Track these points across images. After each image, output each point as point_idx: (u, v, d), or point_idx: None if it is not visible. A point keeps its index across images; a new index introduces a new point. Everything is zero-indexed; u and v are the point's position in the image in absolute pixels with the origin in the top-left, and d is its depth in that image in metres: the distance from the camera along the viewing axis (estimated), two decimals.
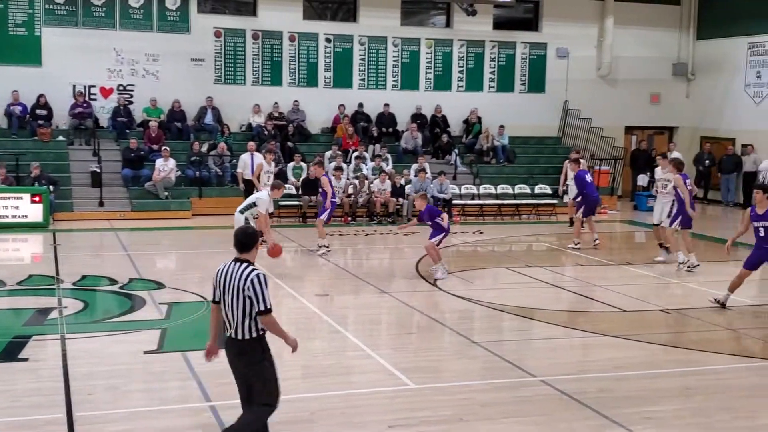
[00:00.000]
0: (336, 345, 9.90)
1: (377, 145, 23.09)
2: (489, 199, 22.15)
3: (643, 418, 7.45)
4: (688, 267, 14.49)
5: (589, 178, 17.53)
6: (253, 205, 13.53)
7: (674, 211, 14.77)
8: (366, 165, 21.87)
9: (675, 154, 24.67)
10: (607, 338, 10.29)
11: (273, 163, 18.38)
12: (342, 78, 24.39)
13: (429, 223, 13.74)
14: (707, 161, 25.43)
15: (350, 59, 24.43)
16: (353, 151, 22.33)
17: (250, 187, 19.39)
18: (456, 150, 23.71)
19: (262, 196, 13.68)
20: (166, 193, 20.35)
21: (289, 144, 22.58)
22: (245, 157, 19.51)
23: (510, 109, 25.33)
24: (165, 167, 20.38)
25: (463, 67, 25.41)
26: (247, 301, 5.97)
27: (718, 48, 26.02)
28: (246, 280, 5.97)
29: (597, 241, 16.96)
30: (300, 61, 24.07)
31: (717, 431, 7.25)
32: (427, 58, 25.11)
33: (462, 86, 25.46)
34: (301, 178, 20.81)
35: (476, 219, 21.28)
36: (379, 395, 8.03)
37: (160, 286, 12.63)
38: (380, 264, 15.93)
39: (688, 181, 14.88)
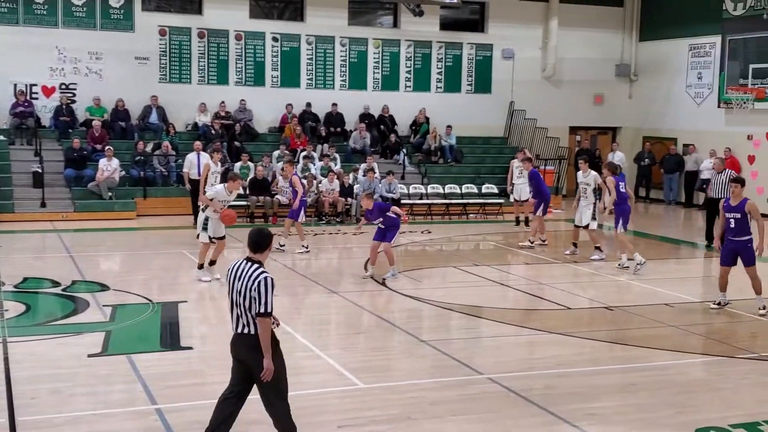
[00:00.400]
0: (284, 346, 9.78)
1: (325, 145, 23.05)
2: (437, 199, 22.28)
3: (587, 414, 7.58)
4: (627, 265, 14.74)
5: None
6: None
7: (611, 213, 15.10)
8: (314, 165, 21.83)
9: (618, 155, 25.27)
10: (552, 336, 10.43)
11: (220, 163, 18.18)
12: (289, 77, 24.30)
13: (380, 220, 13.45)
14: (646, 160, 25.91)
15: (297, 58, 24.35)
16: (301, 151, 22.26)
17: (196, 187, 19.14)
18: (404, 150, 23.79)
19: (218, 188, 13.31)
20: (110, 194, 20.06)
21: (236, 143, 22.42)
22: (191, 157, 19.29)
23: (457, 109, 25.53)
24: (108, 167, 20.08)
25: (410, 67, 25.51)
26: (254, 300, 6.18)
27: (660, 49, 26.53)
28: (254, 281, 6.17)
29: (545, 241, 17.17)
30: (247, 60, 23.91)
31: (660, 427, 7.39)
32: (374, 58, 25.15)
33: (410, 86, 25.56)
34: (249, 178, 20.67)
35: (424, 218, 21.38)
36: (328, 395, 8.03)
37: (104, 288, 12.45)
38: (329, 264, 15.91)
39: (621, 184, 15.19)
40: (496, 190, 22.99)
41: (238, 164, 21.29)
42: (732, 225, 11.43)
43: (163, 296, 12.15)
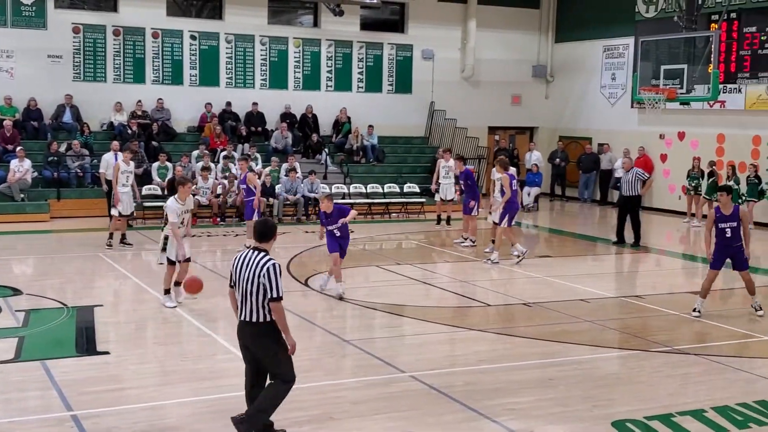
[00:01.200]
0: (205, 348, 9.74)
1: (246, 145, 22.84)
2: (359, 198, 22.30)
3: (507, 409, 7.70)
4: (518, 256, 15.15)
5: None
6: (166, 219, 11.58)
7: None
8: (235, 165, 21.59)
9: (535, 154, 25.76)
10: (473, 332, 10.57)
11: (132, 163, 17.43)
12: (208, 76, 24.00)
13: (336, 226, 12.23)
14: (558, 159, 26.46)
15: (217, 57, 24.06)
16: (221, 151, 22.00)
17: (112, 188, 18.78)
18: (326, 149, 23.76)
19: (169, 204, 11.40)
20: (22, 195, 19.50)
21: (154, 143, 22.03)
22: (108, 157, 18.85)
23: (378, 108, 25.63)
24: (20, 168, 19.51)
25: (331, 66, 25.49)
26: (262, 287, 6.42)
27: (576, 51, 27.13)
28: (262, 267, 6.43)
29: (474, 242, 17.24)
30: (164, 58, 23.52)
31: (577, 420, 7.56)
32: (295, 58, 25.04)
33: (331, 86, 25.54)
34: (167, 179, 20.34)
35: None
36: None
37: (16, 292, 12.09)
38: None
39: (514, 181, 15.57)
40: (417, 190, 23.15)
41: (155, 164, 20.95)
42: (728, 234, 11.30)
43: (78, 300, 11.85)
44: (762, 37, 21.13)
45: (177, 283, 11.61)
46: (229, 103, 23.68)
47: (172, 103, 23.32)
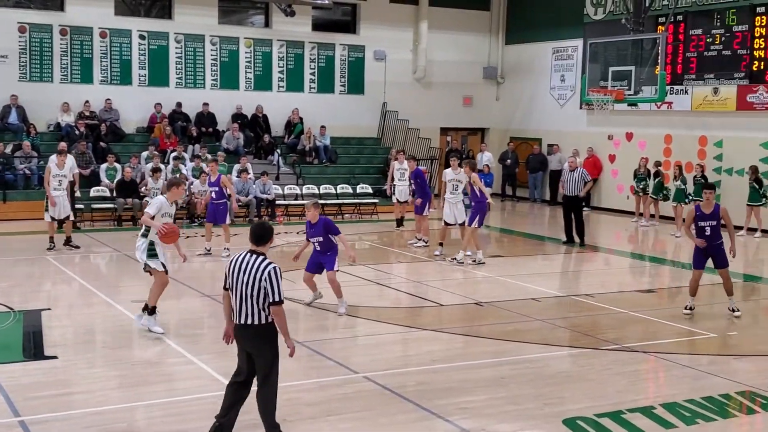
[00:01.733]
0: (156, 352, 9.63)
1: (197, 145, 22.63)
2: (312, 199, 22.19)
3: (459, 408, 7.74)
4: (475, 261, 15.22)
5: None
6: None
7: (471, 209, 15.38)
8: (185, 166, 21.38)
9: (486, 155, 25.95)
10: (426, 332, 10.62)
11: (68, 166, 16.31)
12: (158, 76, 23.73)
13: (318, 239, 11.43)
14: (509, 160, 26.69)
15: (166, 57, 23.80)
16: (171, 152, 21.77)
17: None
18: (278, 150, 23.65)
19: (158, 199, 10.34)
20: None
21: (102, 144, 21.72)
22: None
23: (331, 109, 25.59)
24: None
25: (283, 67, 25.38)
26: (263, 291, 6.43)
27: (526, 52, 27.40)
28: (264, 271, 6.44)
29: (427, 242, 17.30)
30: (112, 58, 23.19)
31: (529, 418, 7.63)
32: (246, 58, 24.89)
33: (283, 86, 25.43)
34: (116, 180, 20.07)
35: (300, 219, 21.26)
36: (201, 401, 7.88)
37: None
38: (202, 267, 15.60)
39: (482, 181, 15.78)
40: (370, 190, 23.18)
41: (104, 166, 20.66)
42: (708, 233, 11.35)
43: (25, 304, 11.62)
44: (708, 40, 21.57)
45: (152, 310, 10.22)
46: (179, 104, 23.44)
47: (120, 104, 23.01)
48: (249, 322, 6.51)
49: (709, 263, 11.60)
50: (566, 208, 18.05)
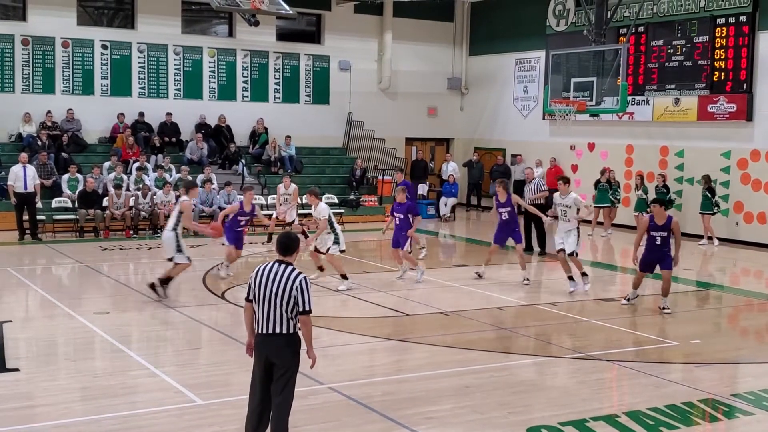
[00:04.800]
0: (118, 364, 9.52)
1: (160, 156, 22.46)
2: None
3: (425, 418, 7.75)
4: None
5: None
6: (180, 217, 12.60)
7: None
8: (148, 176, 21.21)
9: (452, 165, 26.07)
10: (392, 342, 10.62)
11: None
12: (120, 86, 23.53)
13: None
14: (475, 165, 26.78)
15: (129, 67, 23.62)
16: (134, 162, 21.58)
17: (22, 201, 18.28)
18: (243, 160, 23.55)
19: (185, 200, 12.83)
20: None
21: (64, 155, 21.47)
22: (17, 170, 18.36)
23: (296, 119, 25.56)
24: None
25: (247, 77, 25.31)
26: (292, 300, 6.42)
27: (489, 63, 27.60)
28: (294, 281, 6.44)
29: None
30: (74, 67, 22.97)
31: (494, 427, 7.66)
32: (210, 67, 24.78)
33: (247, 96, 25.35)
34: (78, 191, 19.85)
35: (265, 230, 21.18)
36: (164, 414, 7.81)
37: None
38: None
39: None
40: (336, 201, 23.14)
41: (65, 176, 20.43)
42: (658, 242, 12.10)
43: None
44: (669, 51, 21.90)
45: (168, 280, 12.55)
46: (142, 114, 23.26)
47: (82, 114, 22.77)
48: (278, 331, 6.46)
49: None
50: (526, 218, 18.27)
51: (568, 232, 13.73)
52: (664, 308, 12.31)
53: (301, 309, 6.45)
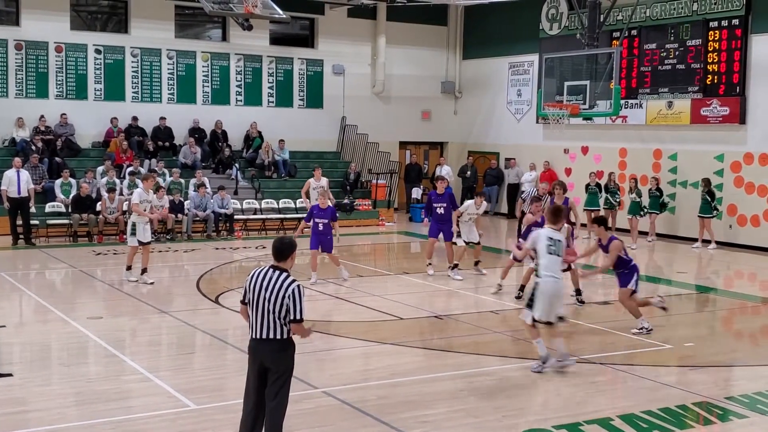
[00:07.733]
0: (112, 369, 9.50)
1: (153, 160, 22.43)
2: (271, 214, 22.16)
3: (419, 421, 7.75)
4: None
5: None
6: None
7: None
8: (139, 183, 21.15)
9: (446, 168, 26.07)
10: (386, 346, 10.61)
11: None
12: (114, 90, 23.51)
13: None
14: (468, 172, 26.82)
15: (122, 71, 23.60)
16: (127, 166, 21.55)
17: (15, 206, 18.27)
18: (237, 164, 23.53)
19: (137, 190, 14.75)
20: None
21: (58, 159, 21.43)
22: (10, 174, 18.35)
23: (289, 123, 25.56)
24: None
25: (241, 81, 25.31)
26: (284, 308, 6.39)
27: (483, 67, 27.64)
28: (288, 289, 6.40)
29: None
30: (68, 72, 22.94)
31: (488, 430, 7.66)
32: (204, 72, 24.77)
33: (241, 100, 25.35)
34: (71, 195, 19.81)
35: (259, 234, 21.22)
36: (158, 419, 7.79)
37: None
38: (159, 283, 15.43)
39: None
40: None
41: (59, 181, 20.39)
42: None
43: None
44: (662, 54, 21.96)
45: (144, 270, 14.15)
46: (135, 118, 23.24)
47: (76, 118, 22.74)
48: (271, 336, 6.45)
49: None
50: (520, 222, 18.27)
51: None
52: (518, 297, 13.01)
53: (292, 317, 6.42)
